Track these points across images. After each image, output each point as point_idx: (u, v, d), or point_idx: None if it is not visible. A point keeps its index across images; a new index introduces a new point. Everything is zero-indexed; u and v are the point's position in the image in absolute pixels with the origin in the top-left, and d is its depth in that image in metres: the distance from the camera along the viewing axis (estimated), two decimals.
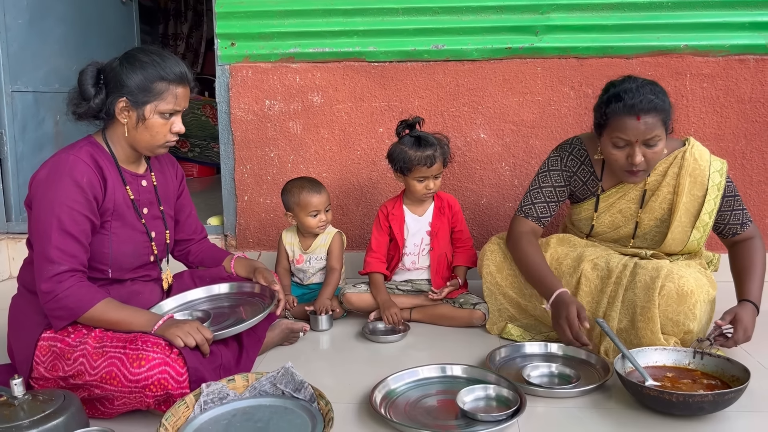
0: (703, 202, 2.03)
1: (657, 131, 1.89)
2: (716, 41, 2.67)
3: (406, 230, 2.40)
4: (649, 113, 1.87)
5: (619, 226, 2.14)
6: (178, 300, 1.95)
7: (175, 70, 1.69)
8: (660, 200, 2.07)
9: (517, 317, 2.23)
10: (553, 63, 2.74)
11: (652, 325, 1.89)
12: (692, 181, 2.04)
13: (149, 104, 1.67)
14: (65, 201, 1.61)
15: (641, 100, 1.87)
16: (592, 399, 1.74)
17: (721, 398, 1.57)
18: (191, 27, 5.83)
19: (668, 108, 1.92)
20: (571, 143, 2.18)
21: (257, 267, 2.03)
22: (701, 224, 2.05)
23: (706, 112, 2.72)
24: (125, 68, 1.66)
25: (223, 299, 2.00)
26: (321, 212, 2.41)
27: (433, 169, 2.28)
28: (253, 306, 1.93)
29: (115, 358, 1.56)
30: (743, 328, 1.87)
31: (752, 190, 2.77)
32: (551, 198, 2.16)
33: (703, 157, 2.05)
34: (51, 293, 1.59)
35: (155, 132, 1.70)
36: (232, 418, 1.55)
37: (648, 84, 1.93)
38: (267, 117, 2.87)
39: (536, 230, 2.17)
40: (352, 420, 1.65)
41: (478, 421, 1.59)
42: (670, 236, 2.06)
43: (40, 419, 1.39)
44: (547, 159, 2.20)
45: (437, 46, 2.76)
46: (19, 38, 3.09)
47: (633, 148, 1.91)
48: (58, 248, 1.59)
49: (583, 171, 2.14)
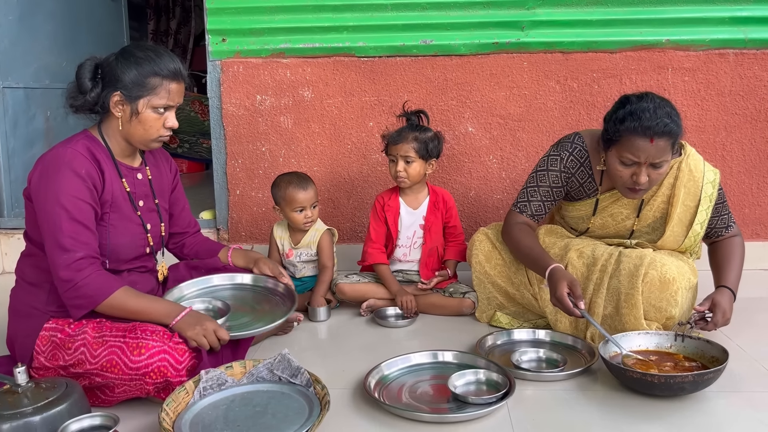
0: (695, 213, 2.06)
1: (666, 155, 1.90)
2: (697, 36, 2.73)
3: (400, 222, 2.45)
4: (663, 137, 1.85)
5: (608, 228, 2.17)
6: (199, 284, 1.98)
7: (170, 66, 1.72)
8: (654, 209, 2.10)
9: (505, 305, 2.28)
10: (539, 57, 2.79)
11: (636, 311, 1.95)
12: (686, 192, 2.06)
13: (142, 99, 1.70)
14: (69, 191, 1.64)
15: (657, 123, 1.84)
16: (579, 382, 1.80)
17: (701, 378, 1.64)
18: (179, 23, 5.83)
19: (680, 132, 1.91)
20: (573, 142, 2.13)
21: (257, 258, 2.07)
22: (693, 234, 2.07)
23: (687, 105, 2.78)
24: (121, 63, 1.70)
25: (246, 290, 2.03)
26: (306, 209, 2.42)
27: (399, 147, 2.32)
28: (271, 304, 1.97)
29: (116, 347, 1.60)
30: (721, 312, 1.93)
31: (732, 181, 2.84)
32: (547, 197, 2.17)
33: (698, 167, 2.07)
34: (70, 281, 1.62)
35: (148, 126, 1.73)
36: (230, 403, 1.59)
37: (665, 105, 1.90)
38: (258, 112, 2.90)
39: (530, 224, 2.20)
40: (347, 404, 1.70)
41: (469, 403, 1.64)
42: (660, 243, 2.10)
43: (44, 406, 1.43)
44: (546, 156, 2.18)
45: (426, 42, 2.80)
46: (9, 35, 3.10)
47: (640, 168, 1.90)
48: (70, 236, 1.62)
49: (582, 173, 2.13)
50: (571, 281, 1.91)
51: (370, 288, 2.42)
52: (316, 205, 2.46)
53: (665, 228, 2.09)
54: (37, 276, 1.74)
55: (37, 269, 1.74)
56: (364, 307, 2.39)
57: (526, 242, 2.12)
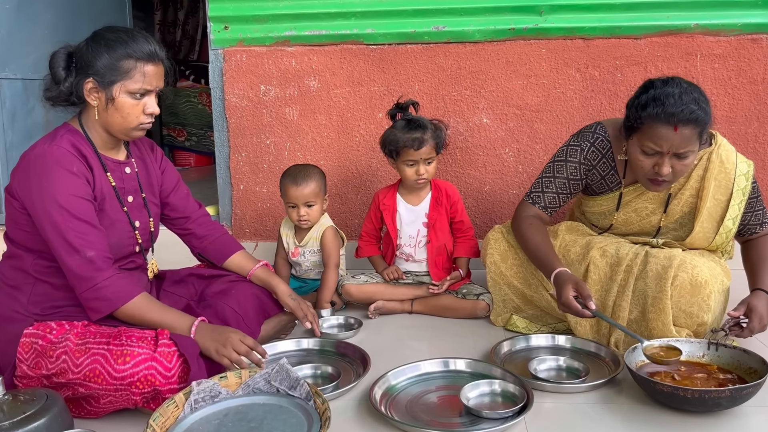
0: (727, 207, 1.93)
1: (692, 145, 1.76)
2: (728, 20, 2.57)
3: (398, 221, 2.32)
4: (688, 125, 1.72)
5: (632, 224, 2.04)
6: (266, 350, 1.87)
7: (144, 47, 1.61)
8: (682, 203, 1.96)
9: (522, 308, 2.15)
10: (558, 44, 2.64)
11: (664, 316, 1.81)
12: (717, 185, 1.92)
13: (116, 84, 1.59)
14: (66, 190, 1.56)
15: (683, 109, 1.71)
16: (602, 394, 1.67)
17: (739, 393, 1.50)
18: (187, 13, 5.72)
19: (709, 120, 1.77)
20: (594, 132, 2.01)
21: (279, 290, 1.97)
22: (725, 230, 1.94)
23: (717, 94, 2.62)
24: (92, 48, 1.60)
25: (313, 355, 1.95)
26: (300, 206, 2.28)
27: (422, 152, 2.19)
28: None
29: (99, 355, 1.50)
30: (758, 318, 1.79)
31: (765, 175, 2.68)
32: (563, 190, 2.06)
33: (730, 159, 1.94)
34: (90, 281, 1.56)
35: (126, 113, 1.62)
36: (223, 417, 1.48)
37: (692, 91, 1.76)
38: (262, 103, 2.79)
39: (542, 216, 2.08)
40: (350, 418, 1.58)
41: (483, 418, 1.52)
42: (689, 240, 1.96)
43: (21, 420, 1.34)
44: (566, 146, 2.05)
45: (438, 28, 2.67)
46: (6, 24, 3.00)
47: (663, 158, 1.78)
48: (76, 236, 1.55)
49: (604, 165, 2.01)
50: (576, 282, 1.80)
51: (379, 289, 2.30)
52: (312, 204, 2.29)
53: (694, 224, 1.94)
54: (17, 278, 1.64)
55: (18, 271, 1.64)
56: (372, 309, 2.26)
57: (534, 240, 2.00)
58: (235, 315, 1.83)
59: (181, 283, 1.97)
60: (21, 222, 1.62)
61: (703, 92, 1.79)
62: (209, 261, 2.03)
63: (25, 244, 1.63)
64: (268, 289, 1.98)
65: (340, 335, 2.09)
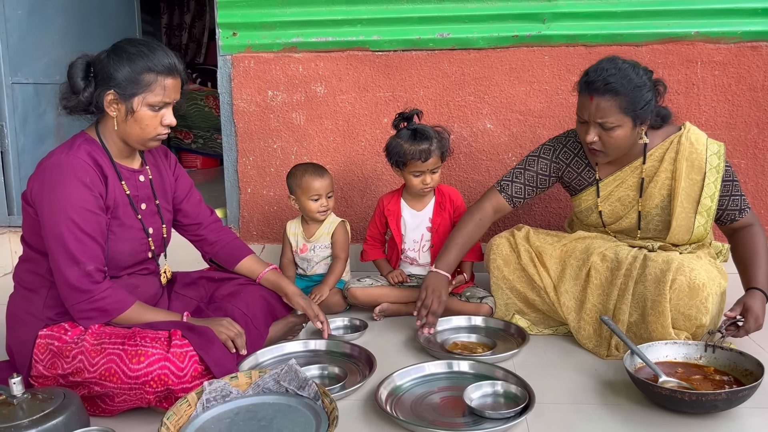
0: (702, 186, 1.99)
1: (611, 117, 1.86)
2: (728, 28, 2.60)
3: (403, 226, 2.37)
4: (604, 95, 1.85)
5: (620, 216, 2.10)
6: (274, 351, 1.97)
7: (164, 61, 1.64)
8: (659, 186, 2.03)
9: (525, 311, 2.19)
10: (561, 51, 2.68)
11: (663, 319, 1.85)
12: (689, 165, 1.99)
13: (137, 96, 1.63)
14: (77, 202, 1.59)
15: (597, 79, 1.85)
16: (603, 395, 1.71)
17: (735, 396, 1.53)
18: (194, 17, 5.76)
19: (631, 96, 1.85)
20: (567, 135, 2.17)
21: (288, 291, 2.01)
22: (704, 209, 2.00)
23: (717, 101, 2.66)
24: (113, 60, 1.62)
25: (321, 355, 1.99)
26: (322, 197, 2.39)
27: (428, 163, 2.23)
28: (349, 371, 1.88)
29: (114, 355, 1.54)
30: (754, 317, 1.84)
31: (765, 181, 2.71)
32: (531, 182, 2.17)
33: (700, 140, 2.01)
34: (88, 293, 1.60)
35: (145, 125, 1.66)
36: (234, 416, 1.52)
37: (620, 67, 1.87)
38: (270, 108, 2.83)
39: (500, 207, 2.18)
40: (357, 418, 1.62)
41: (485, 418, 1.56)
42: (674, 223, 2.01)
43: (40, 418, 1.37)
44: (541, 145, 2.20)
45: (442, 35, 2.71)
46: (18, 29, 3.05)
47: (587, 126, 1.92)
48: (79, 248, 1.59)
49: (577, 163, 2.12)
50: (435, 292, 2.02)
51: (384, 291, 2.34)
52: (331, 194, 2.42)
53: (673, 205, 2.01)
54: (33, 281, 1.68)
55: (34, 274, 1.68)
56: (377, 311, 2.30)
57: (458, 227, 2.16)
58: (243, 317, 1.87)
59: (192, 286, 2.02)
60: (36, 227, 1.65)
61: (639, 71, 1.89)
62: (220, 265, 2.07)
63: (40, 248, 1.67)
64: (278, 291, 2.02)
65: (347, 337, 2.13)
